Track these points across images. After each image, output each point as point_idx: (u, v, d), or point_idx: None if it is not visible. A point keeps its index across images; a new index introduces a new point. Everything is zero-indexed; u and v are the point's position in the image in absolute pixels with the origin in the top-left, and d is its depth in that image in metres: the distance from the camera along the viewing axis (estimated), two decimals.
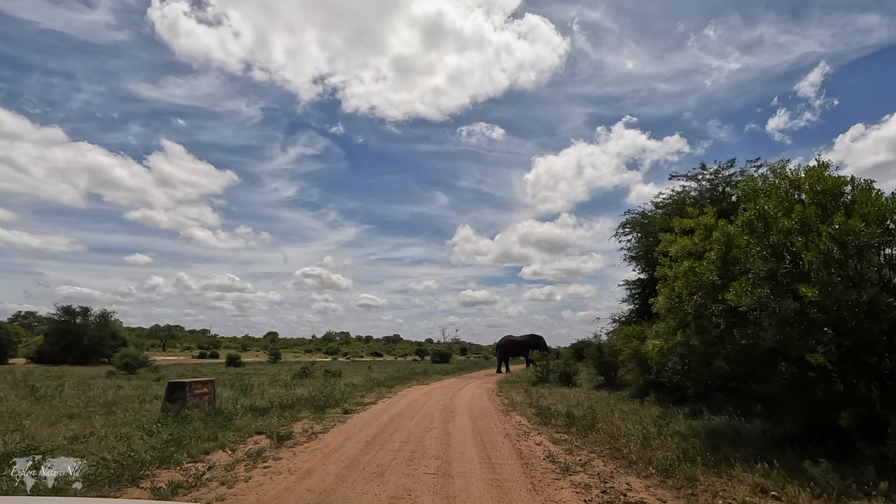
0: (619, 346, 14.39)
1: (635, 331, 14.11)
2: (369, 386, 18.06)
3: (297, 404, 11.88)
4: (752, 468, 6.17)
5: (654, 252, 15.70)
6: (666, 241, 9.20)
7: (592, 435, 8.63)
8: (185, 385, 10.14)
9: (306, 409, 11.46)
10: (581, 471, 6.30)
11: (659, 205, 15.60)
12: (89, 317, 47.69)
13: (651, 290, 16.34)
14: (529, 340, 30.95)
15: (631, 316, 16.52)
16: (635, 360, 13.96)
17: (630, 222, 16.34)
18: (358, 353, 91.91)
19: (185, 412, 9.68)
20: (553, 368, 20.12)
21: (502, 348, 33.96)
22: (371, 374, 24.06)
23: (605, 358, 18.29)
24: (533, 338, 31.25)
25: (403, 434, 8.65)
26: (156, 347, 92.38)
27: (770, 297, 6.68)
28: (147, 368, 26.78)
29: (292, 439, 8.01)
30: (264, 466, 6.13)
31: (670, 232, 9.37)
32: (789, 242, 6.78)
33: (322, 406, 11.89)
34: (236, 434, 8.23)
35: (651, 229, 14.86)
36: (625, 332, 14.41)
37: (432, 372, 29.74)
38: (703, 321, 7.59)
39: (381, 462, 6.45)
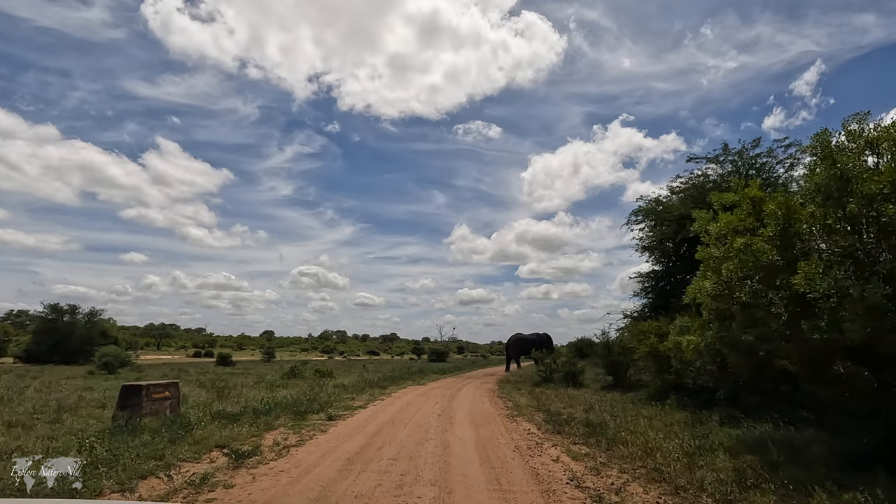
0: (634, 344, 12.94)
1: (651, 327, 12.67)
2: (361, 387, 16.54)
3: (276, 409, 10.38)
4: (839, 498, 4.74)
5: (668, 242, 14.40)
6: (702, 220, 7.75)
7: (618, 448, 7.17)
8: (141, 389, 8.62)
9: (285, 415, 9.95)
10: (619, 502, 4.84)
11: (675, 190, 14.18)
12: (77, 315, 45.93)
13: (667, 281, 14.93)
14: (540, 339, 30.33)
15: (644, 311, 15.08)
16: (652, 359, 12.52)
17: (642, 210, 14.90)
18: (354, 352, 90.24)
19: (138, 421, 8.17)
20: (557, 368, 18.66)
21: (512, 347, 33.48)
22: (364, 374, 22.54)
23: (615, 357, 16.85)
24: (543, 336, 30.79)
25: (393, 448, 7.16)
26: (150, 346, 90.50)
27: (851, 279, 5.24)
28: (129, 368, 25.16)
29: (257, 456, 6.50)
30: (206, 501, 4.63)
31: (707, 209, 7.94)
32: (874, 211, 5.34)
33: (304, 411, 10.38)
34: (191, 449, 6.72)
35: (667, 217, 13.43)
36: (639, 328, 12.97)
37: (429, 371, 28.25)
38: (758, 312, 6.13)
39: (361, 491, 4.96)
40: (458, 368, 35.13)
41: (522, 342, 32.06)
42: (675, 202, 13.69)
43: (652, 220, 14.81)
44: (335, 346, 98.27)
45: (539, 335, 31.43)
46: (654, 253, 14.87)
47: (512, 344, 33.58)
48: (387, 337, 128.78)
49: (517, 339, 33.16)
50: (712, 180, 13.28)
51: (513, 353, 33.42)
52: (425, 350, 69.62)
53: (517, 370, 29.58)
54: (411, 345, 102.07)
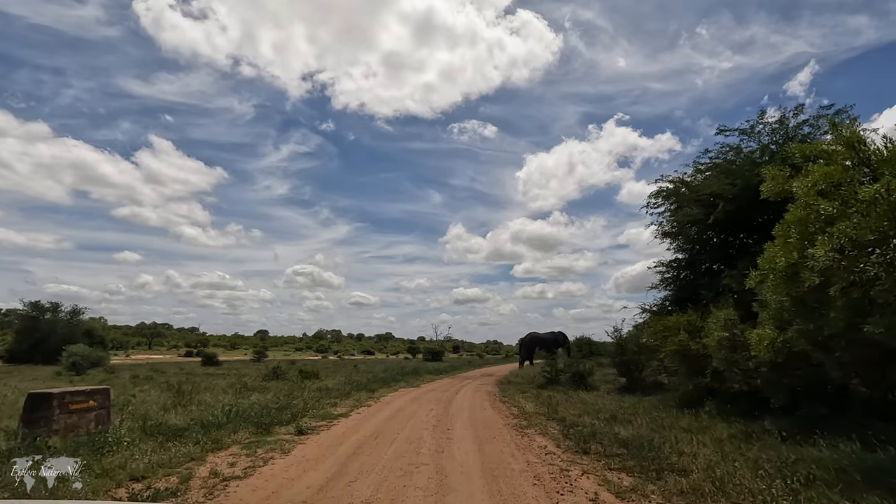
0: (658, 342, 11.08)
1: (679, 321, 10.81)
2: (346, 390, 14.57)
3: (236, 420, 8.43)
4: None
5: (694, 226, 12.51)
6: (775, 179, 5.86)
7: (673, 477, 5.27)
8: (52, 398, 6.65)
9: (245, 429, 8.01)
10: None
11: (703, 167, 12.32)
12: (59, 313, 43.62)
13: (691, 271, 13.08)
14: (556, 337, 28.84)
15: (665, 304, 13.22)
16: (681, 359, 10.66)
17: (664, 192, 13.04)
18: (349, 351, 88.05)
19: (44, 440, 6.21)
20: (564, 368, 16.78)
21: (527, 345, 32.14)
22: (353, 376, 20.55)
23: (629, 356, 15.00)
24: (559, 335, 29.29)
25: (371, 480, 5.22)
26: (142, 346, 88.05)
27: None
28: (101, 369, 23.05)
29: (177, 497, 4.57)
30: None
31: (783, 164, 6.08)
32: None
33: (269, 423, 8.43)
34: (91, 485, 4.76)
35: (695, 197, 11.58)
36: (663, 323, 11.10)
37: (424, 371, 26.30)
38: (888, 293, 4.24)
39: None
40: (454, 368, 33.20)
41: (538, 340, 30.75)
42: (704, 181, 11.84)
43: (674, 203, 12.97)
44: (330, 345, 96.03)
45: (555, 333, 30.07)
46: (676, 239, 13.01)
47: (527, 342, 32.42)
48: (382, 336, 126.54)
49: (532, 337, 31.96)
50: (745, 154, 11.44)
51: (525, 351, 32.38)
52: (420, 349, 67.64)
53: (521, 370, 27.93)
54: (406, 344, 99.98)
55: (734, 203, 10.66)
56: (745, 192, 10.62)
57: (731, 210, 10.66)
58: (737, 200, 10.62)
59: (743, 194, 10.65)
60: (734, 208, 10.68)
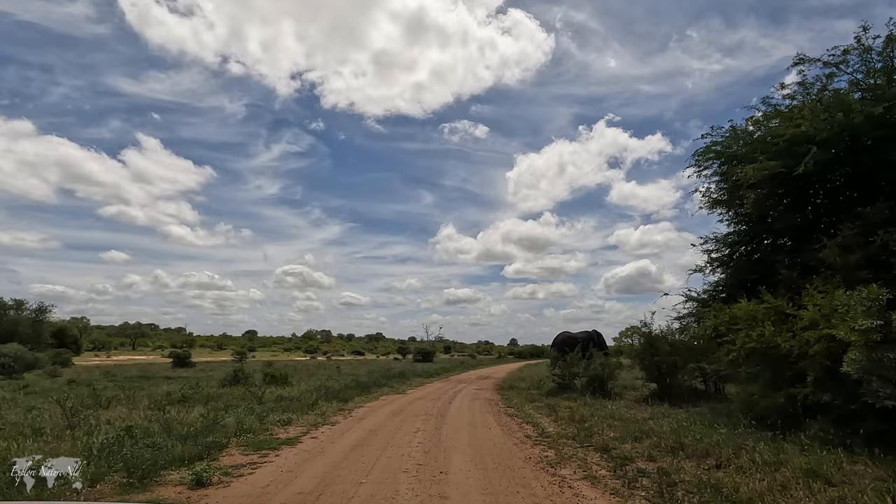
0: (727, 335, 7.99)
1: (757, 309, 7.75)
2: (313, 400, 11.31)
3: (110, 459, 5.21)
4: None
5: (746, 193, 9.58)
6: None
7: None
8: None
9: (114, 479, 4.79)
10: None
11: (771, 114, 9.31)
12: (23, 311, 39.79)
13: (755, 246, 10.06)
14: (590, 336, 25.70)
15: (717, 291, 10.16)
16: (763, 361, 7.62)
17: (714, 148, 10.01)
18: (339, 351, 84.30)
19: None
20: (580, 372, 13.70)
21: (559, 345, 29.04)
22: (329, 381, 17.24)
23: (662, 357, 11.95)
24: (593, 333, 26.14)
25: None
26: (125, 346, 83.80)
27: None
28: (40, 372, 19.51)
29: None
30: None
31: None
32: None
33: (157, 465, 5.21)
34: None
35: (770, 147, 8.56)
36: (734, 311, 8.02)
37: (412, 374, 23.09)
38: None
39: None
40: (445, 370, 30.00)
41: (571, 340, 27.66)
42: (774, 128, 8.82)
43: (724, 165, 9.96)
44: (319, 345, 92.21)
45: (589, 332, 26.88)
46: (731, 207, 9.98)
47: (559, 342, 29.42)
48: (372, 336, 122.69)
49: (565, 336, 28.89)
50: (831, 89, 8.47)
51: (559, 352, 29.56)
52: (411, 350, 64.24)
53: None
54: (397, 344, 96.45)
55: (826, 149, 7.71)
56: (839, 137, 7.75)
57: (827, 159, 7.70)
58: (831, 144, 7.68)
59: (837, 139, 7.76)
60: (829, 157, 7.73)
